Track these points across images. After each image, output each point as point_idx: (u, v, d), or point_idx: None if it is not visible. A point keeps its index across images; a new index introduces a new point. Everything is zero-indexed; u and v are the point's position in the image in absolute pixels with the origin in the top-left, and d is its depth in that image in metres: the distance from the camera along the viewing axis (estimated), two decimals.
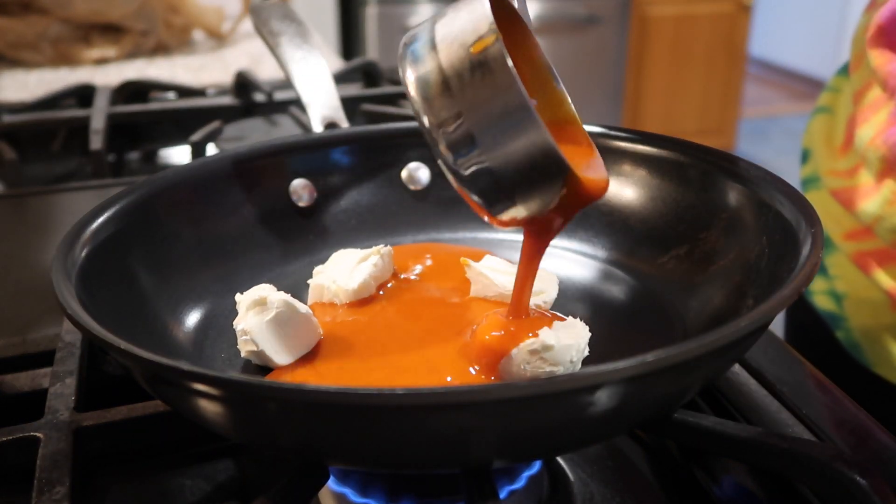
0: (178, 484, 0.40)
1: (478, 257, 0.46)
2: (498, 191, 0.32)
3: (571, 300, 0.46)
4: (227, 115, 0.90)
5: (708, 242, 0.44)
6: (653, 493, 0.40)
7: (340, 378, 0.38)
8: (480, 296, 0.44)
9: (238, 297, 0.40)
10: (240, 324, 0.38)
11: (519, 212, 0.33)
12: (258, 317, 0.38)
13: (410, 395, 0.27)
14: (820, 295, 0.68)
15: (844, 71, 0.70)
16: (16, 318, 0.54)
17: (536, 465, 0.38)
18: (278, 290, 0.41)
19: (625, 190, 0.50)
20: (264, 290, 0.38)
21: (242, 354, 0.39)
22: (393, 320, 0.43)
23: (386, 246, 0.47)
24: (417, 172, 0.55)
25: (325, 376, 0.38)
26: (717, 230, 0.44)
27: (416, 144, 0.55)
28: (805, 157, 0.72)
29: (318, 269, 0.45)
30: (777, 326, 0.42)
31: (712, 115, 3.18)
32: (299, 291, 0.46)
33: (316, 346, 0.40)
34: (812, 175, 0.69)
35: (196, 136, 0.78)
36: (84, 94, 0.96)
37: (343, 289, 0.43)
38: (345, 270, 0.44)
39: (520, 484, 0.37)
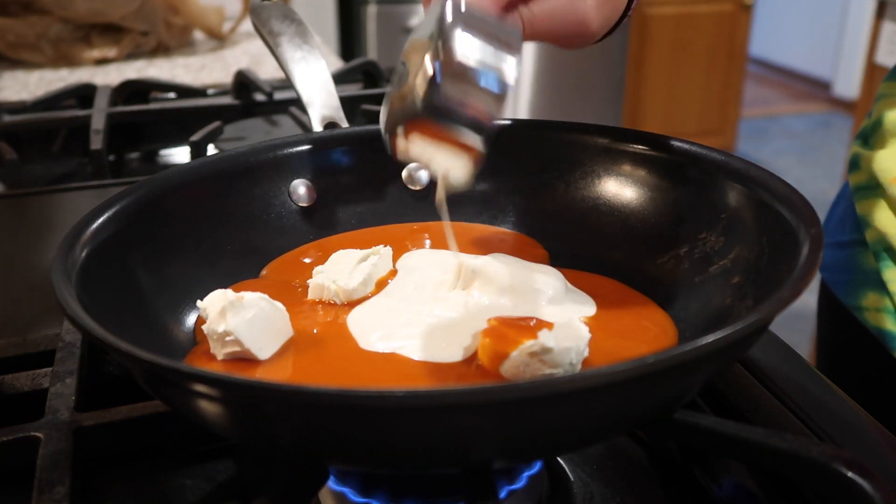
0: (178, 484, 0.40)
1: (472, 243, 0.46)
2: None
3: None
4: (227, 115, 0.90)
5: (708, 242, 0.44)
6: (653, 493, 0.40)
7: (328, 374, 0.38)
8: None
9: (200, 303, 0.39)
10: (218, 326, 0.38)
11: None
12: (237, 317, 0.38)
13: (411, 397, 0.27)
14: (874, 312, 0.63)
15: (894, 76, 0.66)
16: (16, 318, 0.54)
17: (537, 465, 0.38)
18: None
19: (625, 190, 0.50)
20: (229, 294, 0.39)
21: (220, 357, 0.39)
22: None
23: (385, 246, 0.47)
24: (417, 172, 0.55)
25: (311, 373, 0.38)
26: (717, 230, 0.44)
27: None
28: (855, 164, 0.67)
29: (317, 269, 0.46)
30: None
31: (712, 115, 3.18)
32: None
33: (305, 343, 0.41)
34: (868, 182, 0.64)
35: (196, 136, 0.78)
36: (84, 94, 0.96)
37: (343, 288, 0.44)
38: (344, 270, 0.45)
39: (520, 484, 0.37)
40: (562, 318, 0.39)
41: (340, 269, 0.45)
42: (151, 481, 0.41)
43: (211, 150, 0.81)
